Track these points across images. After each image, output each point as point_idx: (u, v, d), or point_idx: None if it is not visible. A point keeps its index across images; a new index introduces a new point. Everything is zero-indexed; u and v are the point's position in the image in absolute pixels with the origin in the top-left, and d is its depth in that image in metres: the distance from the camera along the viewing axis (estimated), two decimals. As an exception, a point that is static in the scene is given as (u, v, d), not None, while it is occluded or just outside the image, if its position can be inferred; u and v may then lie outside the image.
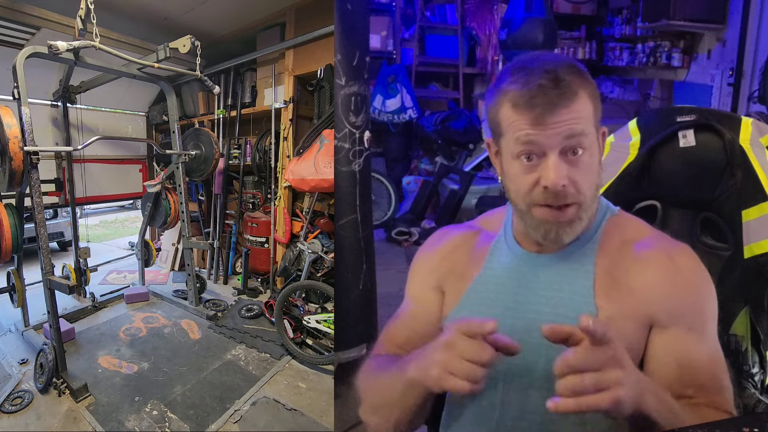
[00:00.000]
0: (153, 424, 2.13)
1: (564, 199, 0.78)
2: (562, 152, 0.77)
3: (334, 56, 2.27)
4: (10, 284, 2.96)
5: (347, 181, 2.37)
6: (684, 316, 0.79)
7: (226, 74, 4.04)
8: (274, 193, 3.73)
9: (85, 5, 2.23)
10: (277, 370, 2.60)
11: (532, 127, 0.77)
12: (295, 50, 3.49)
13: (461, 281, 0.92)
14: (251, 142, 4.03)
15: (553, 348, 0.77)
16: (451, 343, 0.69)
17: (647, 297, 0.80)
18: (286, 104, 3.55)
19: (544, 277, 0.86)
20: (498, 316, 0.84)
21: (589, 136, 0.79)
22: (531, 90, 0.76)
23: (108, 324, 3.19)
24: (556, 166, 0.76)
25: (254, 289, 3.87)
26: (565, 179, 0.77)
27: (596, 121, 0.81)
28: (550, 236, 0.81)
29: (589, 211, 0.82)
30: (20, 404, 2.22)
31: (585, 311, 0.78)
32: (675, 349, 0.78)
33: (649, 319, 0.80)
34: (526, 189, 0.80)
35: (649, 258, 0.82)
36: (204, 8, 3.36)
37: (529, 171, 0.79)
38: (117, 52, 2.42)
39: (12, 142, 2.14)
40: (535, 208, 0.81)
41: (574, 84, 0.77)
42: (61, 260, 3.75)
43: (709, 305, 0.81)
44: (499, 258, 0.91)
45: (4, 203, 2.57)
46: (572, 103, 0.77)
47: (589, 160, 0.79)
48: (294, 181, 3.22)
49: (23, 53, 2.23)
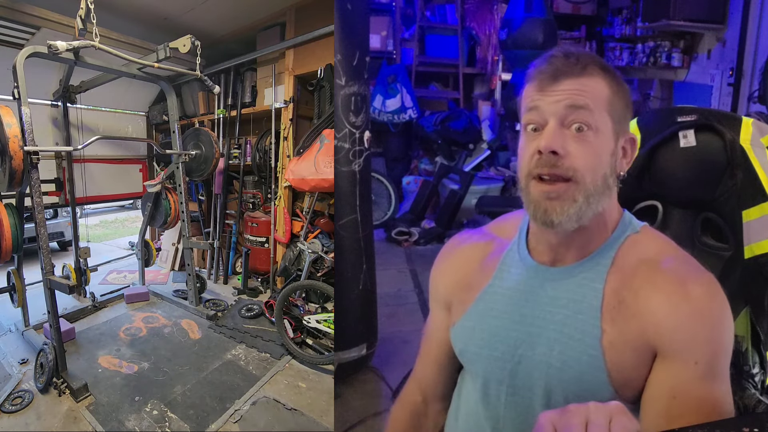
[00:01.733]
0: (153, 423, 2.13)
1: (555, 168, 0.76)
2: (565, 124, 0.76)
3: (334, 56, 2.27)
4: (10, 284, 2.96)
5: (347, 181, 2.37)
6: (690, 348, 0.72)
7: (226, 74, 4.05)
8: (274, 193, 3.74)
9: (85, 5, 2.24)
10: (277, 370, 2.60)
11: (536, 93, 0.78)
12: (296, 50, 3.49)
13: (470, 291, 0.91)
14: (251, 142, 4.03)
15: (554, 366, 0.78)
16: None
17: (650, 324, 0.74)
18: (287, 104, 3.56)
19: (552, 291, 0.82)
20: (503, 327, 0.84)
21: (597, 116, 0.77)
22: (543, 62, 0.80)
23: (108, 324, 3.19)
24: (551, 132, 0.76)
25: (254, 288, 3.88)
26: (558, 147, 0.75)
27: (614, 111, 0.79)
28: (539, 213, 0.78)
29: (589, 198, 0.77)
30: (20, 404, 2.22)
31: (589, 333, 0.77)
32: (674, 382, 0.72)
33: (651, 347, 0.74)
34: (527, 159, 0.79)
35: (659, 282, 0.76)
36: (204, 8, 3.37)
37: (532, 140, 0.78)
38: (117, 52, 2.42)
39: (12, 142, 2.14)
40: (532, 183, 0.78)
41: (587, 62, 0.78)
42: (62, 260, 3.76)
43: (722, 339, 0.73)
44: (509, 268, 0.89)
45: (5, 203, 2.57)
46: (580, 76, 0.77)
47: (595, 141, 0.77)
48: (294, 180, 3.22)
49: (23, 53, 2.23)
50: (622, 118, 0.81)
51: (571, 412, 0.52)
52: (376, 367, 2.54)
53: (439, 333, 0.97)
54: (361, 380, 2.48)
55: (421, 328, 1.03)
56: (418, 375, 1.03)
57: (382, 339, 2.62)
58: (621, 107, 0.80)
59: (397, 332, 2.85)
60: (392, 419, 1.04)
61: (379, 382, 2.47)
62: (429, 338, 1.00)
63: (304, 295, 3.02)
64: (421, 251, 4.25)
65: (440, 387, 1.00)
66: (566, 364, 0.77)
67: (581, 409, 0.52)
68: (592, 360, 0.75)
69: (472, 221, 4.59)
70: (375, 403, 2.34)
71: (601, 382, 0.75)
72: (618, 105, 0.80)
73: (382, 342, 2.62)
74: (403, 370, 1.14)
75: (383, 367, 2.54)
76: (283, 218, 3.64)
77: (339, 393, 2.35)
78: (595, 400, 0.53)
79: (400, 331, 2.88)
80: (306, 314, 2.86)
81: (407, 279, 3.76)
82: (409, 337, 2.74)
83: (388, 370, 2.52)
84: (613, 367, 0.75)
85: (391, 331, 2.84)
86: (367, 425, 2.18)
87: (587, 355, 0.76)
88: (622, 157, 0.82)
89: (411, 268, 3.94)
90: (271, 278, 3.78)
